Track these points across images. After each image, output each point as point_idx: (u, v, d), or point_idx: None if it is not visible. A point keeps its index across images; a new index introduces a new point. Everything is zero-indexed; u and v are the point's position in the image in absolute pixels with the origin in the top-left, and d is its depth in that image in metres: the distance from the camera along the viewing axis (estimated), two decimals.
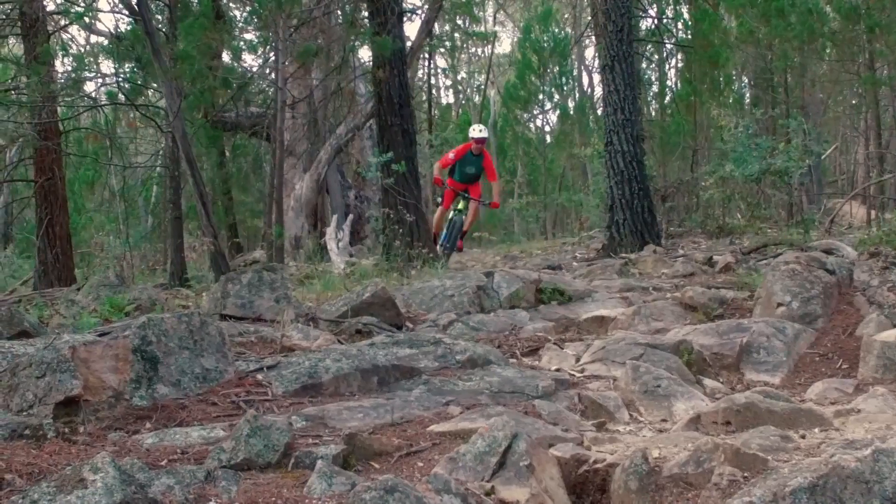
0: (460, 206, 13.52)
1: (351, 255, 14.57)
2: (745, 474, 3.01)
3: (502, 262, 13.86)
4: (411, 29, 25.95)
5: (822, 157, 23.54)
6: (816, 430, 3.91)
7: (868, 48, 18.42)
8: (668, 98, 26.24)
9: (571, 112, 30.24)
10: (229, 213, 21.04)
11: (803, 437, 3.72)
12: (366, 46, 16.34)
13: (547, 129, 34.96)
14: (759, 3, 18.69)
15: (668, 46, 24.96)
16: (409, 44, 19.01)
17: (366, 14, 14.33)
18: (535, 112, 32.27)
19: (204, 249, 14.26)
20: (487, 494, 3.13)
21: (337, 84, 17.77)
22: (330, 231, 14.43)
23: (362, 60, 19.69)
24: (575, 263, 12.63)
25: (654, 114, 26.37)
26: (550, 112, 32.35)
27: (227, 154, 22.24)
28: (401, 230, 10.82)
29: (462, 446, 3.37)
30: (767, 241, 11.80)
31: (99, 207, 23.90)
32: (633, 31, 19.17)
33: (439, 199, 14.05)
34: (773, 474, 2.75)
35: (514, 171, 32.10)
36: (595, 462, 3.49)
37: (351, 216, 16.85)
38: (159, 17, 13.40)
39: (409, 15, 20.26)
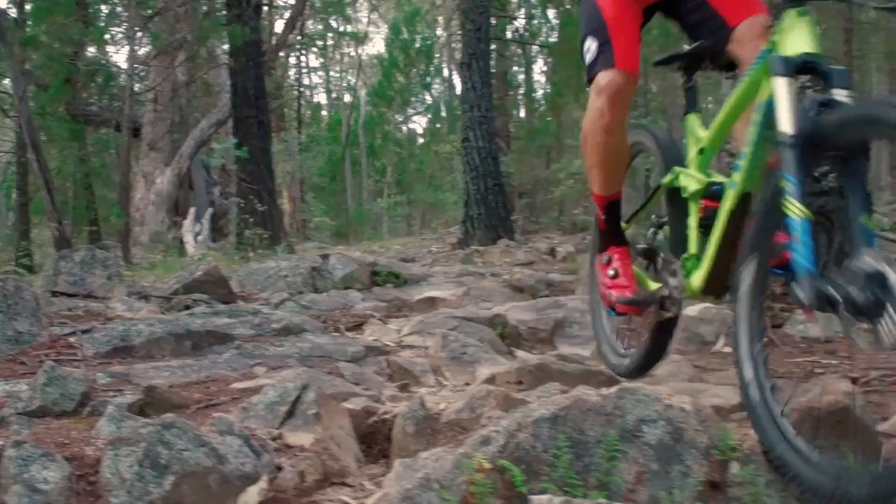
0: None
1: (210, 249, 14.58)
2: None
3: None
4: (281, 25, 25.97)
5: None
6: (604, 389, 4.18)
7: None
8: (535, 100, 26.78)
9: (442, 111, 30.67)
10: (90, 208, 20.78)
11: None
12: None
13: (419, 129, 35.35)
14: None
15: (536, 49, 25.50)
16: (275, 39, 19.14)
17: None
18: (408, 112, 32.62)
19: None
20: (274, 439, 3.30)
21: (191, 76, 17.76)
22: (187, 224, 14.43)
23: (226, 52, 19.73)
24: (430, 256, 12.87)
25: (523, 114, 26.91)
26: (422, 112, 32.77)
27: (90, 148, 21.98)
28: (252, 219, 10.94)
29: (254, 397, 3.54)
30: None
31: None
32: (501, 32, 19.52)
33: (589, 51, 3.81)
34: (523, 408, 2.98)
35: (384, 171, 32.34)
36: (384, 413, 3.69)
37: (211, 210, 16.83)
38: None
39: (279, 12, 20.38)
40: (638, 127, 4.66)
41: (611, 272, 4.14)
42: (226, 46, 19.63)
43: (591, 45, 3.79)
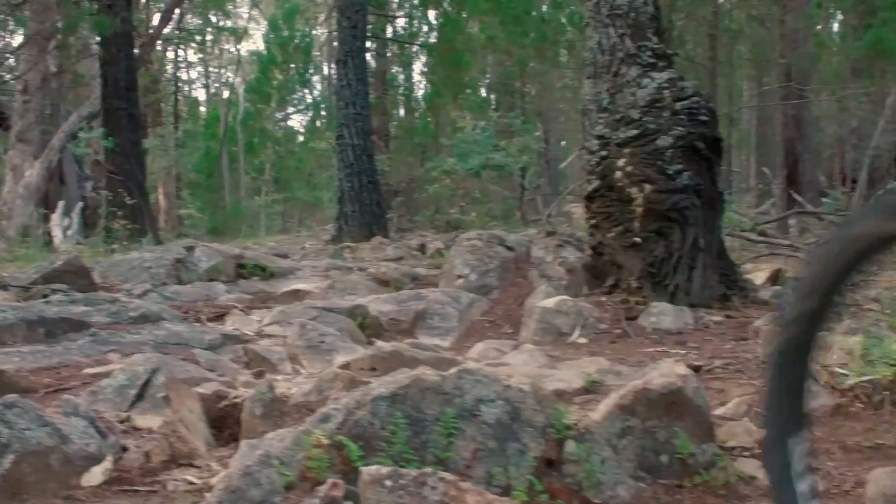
0: None
1: (79, 244, 14.33)
2: None
3: None
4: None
5: (562, 165, 24.63)
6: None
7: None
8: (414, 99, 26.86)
9: (322, 109, 30.60)
10: None
11: None
12: None
13: (299, 126, 35.21)
14: (500, 11, 19.36)
15: (416, 49, 25.59)
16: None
17: None
18: (287, 109, 32.45)
19: None
20: (122, 422, 3.33)
21: (62, 66, 17.45)
22: (55, 217, 14.14)
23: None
24: (302, 252, 12.87)
25: (402, 113, 26.99)
26: (302, 109, 32.64)
27: None
28: (120, 212, 10.81)
29: (104, 380, 3.56)
30: None
31: None
32: (380, 31, 19.54)
33: None
34: (364, 387, 3.07)
35: (262, 169, 32.06)
36: (236, 397, 3.74)
37: (80, 204, 16.51)
38: None
39: (157, 5, 20.10)
40: None
41: None
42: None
43: None
